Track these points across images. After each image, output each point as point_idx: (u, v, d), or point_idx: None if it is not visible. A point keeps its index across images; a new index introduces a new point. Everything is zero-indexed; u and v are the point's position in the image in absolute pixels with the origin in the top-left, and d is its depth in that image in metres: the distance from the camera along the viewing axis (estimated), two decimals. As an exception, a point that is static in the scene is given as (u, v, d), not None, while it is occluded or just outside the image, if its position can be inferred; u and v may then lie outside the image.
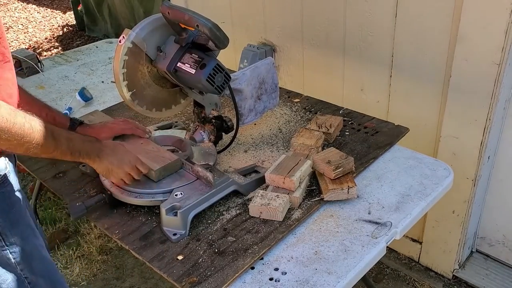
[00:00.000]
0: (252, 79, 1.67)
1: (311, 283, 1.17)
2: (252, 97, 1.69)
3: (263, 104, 1.76)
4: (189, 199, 1.35)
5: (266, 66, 1.73)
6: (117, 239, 1.34)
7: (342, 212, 1.40)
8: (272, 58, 1.81)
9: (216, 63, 1.42)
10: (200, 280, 1.18)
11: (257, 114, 1.75)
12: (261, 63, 1.74)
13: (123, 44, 1.42)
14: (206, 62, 1.42)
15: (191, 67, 1.43)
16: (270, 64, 1.75)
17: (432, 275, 2.32)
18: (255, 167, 1.58)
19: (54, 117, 1.58)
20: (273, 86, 1.77)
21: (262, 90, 1.73)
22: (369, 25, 2.06)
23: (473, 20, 1.71)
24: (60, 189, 1.56)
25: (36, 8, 6.64)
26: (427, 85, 1.97)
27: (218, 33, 1.37)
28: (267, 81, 1.74)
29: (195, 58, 1.43)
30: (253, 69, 1.70)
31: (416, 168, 1.57)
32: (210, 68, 1.41)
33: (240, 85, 1.64)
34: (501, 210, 2.14)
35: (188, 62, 1.44)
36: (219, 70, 1.43)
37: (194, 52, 1.45)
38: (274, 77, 1.77)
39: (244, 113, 1.69)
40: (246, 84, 1.65)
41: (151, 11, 4.52)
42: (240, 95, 1.64)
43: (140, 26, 1.45)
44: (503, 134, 1.97)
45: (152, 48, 1.48)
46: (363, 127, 1.80)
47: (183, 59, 1.45)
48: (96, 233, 2.67)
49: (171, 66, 1.45)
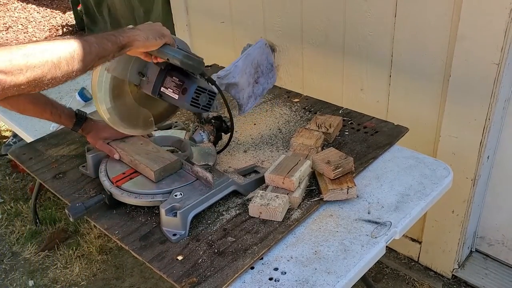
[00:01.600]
0: (246, 68, 1.64)
1: (311, 282, 1.18)
2: (250, 85, 1.67)
3: (261, 86, 1.73)
4: (188, 199, 1.35)
5: (259, 50, 1.69)
6: (117, 240, 1.34)
7: (341, 212, 1.40)
8: (264, 39, 1.75)
9: (197, 86, 1.39)
10: (200, 280, 1.18)
11: (256, 97, 1.72)
12: (252, 48, 1.69)
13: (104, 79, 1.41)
14: (187, 87, 1.39)
15: (174, 92, 1.40)
16: (263, 46, 1.70)
17: (432, 275, 2.32)
18: (255, 167, 1.58)
19: (59, 115, 1.58)
20: (268, 66, 1.73)
21: (258, 73, 1.69)
22: (368, 24, 2.06)
23: (473, 20, 1.71)
24: (60, 189, 1.57)
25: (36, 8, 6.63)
26: (427, 85, 1.97)
27: (190, 62, 1.33)
28: (261, 63, 1.70)
29: (176, 82, 1.40)
30: (246, 57, 1.66)
31: (416, 168, 1.57)
32: (191, 92, 1.38)
33: (234, 79, 1.61)
34: (500, 210, 2.14)
35: (170, 87, 1.41)
36: (201, 91, 1.40)
37: (175, 75, 1.42)
38: (269, 58, 1.72)
39: (244, 103, 1.66)
40: (240, 75, 1.62)
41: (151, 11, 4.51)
42: (236, 88, 1.62)
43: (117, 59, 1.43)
44: (502, 133, 1.97)
45: (134, 74, 1.45)
46: (362, 127, 1.80)
47: (165, 83, 1.42)
48: (96, 233, 2.68)
49: (155, 91, 1.43)
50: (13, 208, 2.92)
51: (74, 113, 1.61)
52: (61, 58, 1.02)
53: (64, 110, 1.60)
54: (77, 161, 1.69)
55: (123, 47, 1.18)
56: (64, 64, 1.02)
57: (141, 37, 1.22)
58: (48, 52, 1.00)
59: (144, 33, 1.23)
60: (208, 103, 1.43)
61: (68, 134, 1.86)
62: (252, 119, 1.91)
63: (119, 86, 1.46)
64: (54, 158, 1.73)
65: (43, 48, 1.00)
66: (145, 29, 1.25)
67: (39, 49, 0.99)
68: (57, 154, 1.75)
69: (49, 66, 0.99)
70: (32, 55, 0.96)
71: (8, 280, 2.45)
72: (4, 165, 3.33)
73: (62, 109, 1.60)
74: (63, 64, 1.02)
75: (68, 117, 1.60)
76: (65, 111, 1.60)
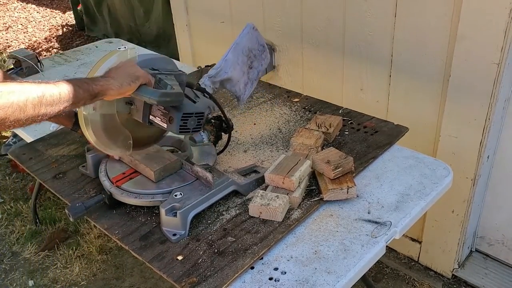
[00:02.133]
0: (237, 59, 1.61)
1: (311, 282, 1.18)
2: (244, 73, 1.64)
3: (256, 70, 1.70)
4: (188, 199, 1.35)
5: (247, 36, 1.65)
6: (117, 240, 1.34)
7: (341, 212, 1.40)
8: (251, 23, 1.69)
9: (182, 113, 1.35)
10: (200, 280, 1.18)
11: (253, 82, 1.69)
12: (240, 37, 1.65)
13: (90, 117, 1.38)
14: (173, 116, 1.35)
15: (162, 121, 1.38)
16: (250, 31, 1.65)
17: (432, 275, 2.32)
18: (255, 167, 1.58)
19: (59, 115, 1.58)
20: (260, 48, 1.69)
21: (251, 59, 1.66)
22: (368, 24, 2.06)
23: (473, 19, 1.71)
24: (60, 189, 1.57)
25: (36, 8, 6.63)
26: (427, 85, 1.97)
27: (168, 99, 1.30)
28: (253, 48, 1.66)
29: (162, 111, 1.38)
30: (235, 48, 1.62)
31: (416, 168, 1.57)
32: (178, 120, 1.35)
33: (226, 74, 1.59)
34: (500, 210, 2.14)
35: (158, 115, 1.39)
36: (188, 116, 1.37)
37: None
38: (259, 39, 1.68)
39: (241, 93, 1.65)
40: (232, 68, 1.60)
41: (151, 11, 4.52)
42: (230, 82, 1.61)
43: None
44: (502, 133, 1.97)
45: (122, 104, 1.42)
46: (362, 126, 1.80)
47: (153, 112, 1.39)
48: (96, 232, 2.68)
49: (145, 119, 1.41)
50: (13, 208, 2.92)
51: (74, 113, 1.61)
52: (27, 101, 1.01)
53: None
54: (77, 161, 1.69)
55: (96, 95, 1.18)
56: (30, 108, 1.02)
57: (115, 86, 1.21)
58: (15, 94, 0.99)
59: (118, 81, 1.22)
60: (197, 124, 1.40)
61: (68, 134, 1.86)
62: (252, 119, 1.91)
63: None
64: (54, 158, 1.73)
65: (11, 89, 0.99)
66: (119, 75, 1.24)
67: (6, 90, 0.98)
68: (57, 154, 1.75)
69: (13, 109, 0.98)
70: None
71: (8, 280, 2.45)
72: (4, 165, 3.33)
73: None
74: (29, 108, 1.01)
75: (67, 117, 1.60)
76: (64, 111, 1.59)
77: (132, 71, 1.25)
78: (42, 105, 1.04)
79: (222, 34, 2.78)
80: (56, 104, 1.07)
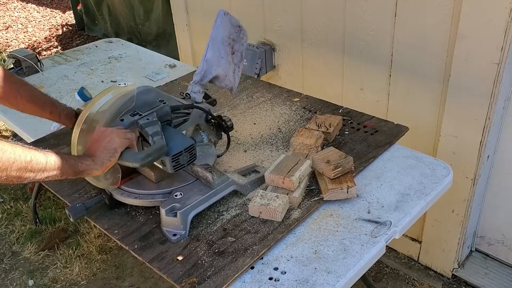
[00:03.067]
0: (219, 53, 1.58)
1: (311, 282, 1.18)
2: (230, 62, 1.61)
3: (239, 52, 1.66)
4: (188, 199, 1.35)
5: (222, 25, 1.61)
6: (117, 240, 1.34)
7: (341, 212, 1.40)
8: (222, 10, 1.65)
9: (171, 156, 1.33)
10: (200, 280, 1.18)
11: (239, 66, 1.66)
12: (215, 30, 1.61)
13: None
14: (164, 159, 1.34)
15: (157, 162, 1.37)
16: (223, 18, 1.61)
17: (432, 274, 2.32)
18: (255, 167, 1.58)
19: (59, 115, 1.58)
20: (237, 29, 1.64)
21: (231, 44, 1.63)
22: (368, 24, 2.06)
23: (473, 19, 1.71)
24: (60, 189, 1.56)
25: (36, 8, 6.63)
26: (427, 84, 1.97)
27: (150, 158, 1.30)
28: (230, 33, 1.62)
29: None
30: (212, 43, 1.59)
31: (416, 167, 1.57)
32: (169, 163, 1.33)
33: (211, 74, 1.57)
34: (500, 209, 2.14)
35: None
36: (177, 156, 1.34)
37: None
38: (233, 22, 1.63)
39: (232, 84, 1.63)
40: (216, 65, 1.57)
41: (151, 10, 4.52)
42: (218, 79, 1.60)
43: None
44: (502, 133, 1.97)
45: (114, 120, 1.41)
46: (362, 126, 1.80)
47: None
48: (96, 232, 2.68)
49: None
50: (13, 207, 2.92)
51: (75, 113, 1.61)
52: (14, 164, 1.05)
53: (64, 109, 1.59)
54: (77, 161, 1.69)
55: (80, 173, 1.24)
56: (14, 170, 1.06)
57: (98, 167, 1.26)
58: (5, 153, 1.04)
59: (99, 161, 1.26)
60: (190, 157, 1.37)
61: (68, 134, 1.84)
62: (252, 119, 1.91)
63: None
64: (54, 158, 1.73)
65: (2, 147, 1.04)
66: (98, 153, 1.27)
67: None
68: (57, 154, 1.75)
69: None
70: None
71: (8, 279, 2.45)
72: (4, 165, 3.33)
73: (62, 108, 1.59)
74: (13, 170, 1.06)
75: (68, 116, 1.60)
76: (65, 111, 1.59)
77: (109, 145, 1.29)
78: (27, 171, 1.10)
79: (222, 33, 2.78)
80: (40, 172, 1.13)
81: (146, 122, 1.36)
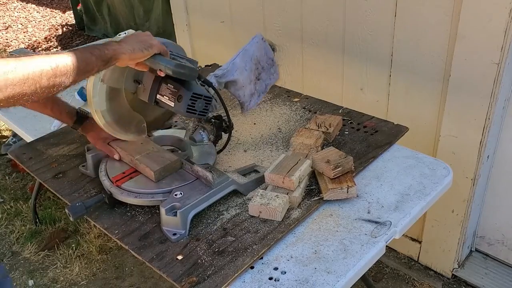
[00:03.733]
0: (245, 64, 1.62)
1: (311, 282, 1.18)
2: (251, 82, 1.64)
3: (264, 82, 1.70)
4: (188, 199, 1.35)
5: (256, 45, 1.65)
6: (117, 239, 1.34)
7: (341, 212, 1.40)
8: (260, 33, 1.70)
9: (192, 93, 1.36)
10: (199, 280, 1.18)
11: (260, 94, 1.69)
12: (249, 44, 1.66)
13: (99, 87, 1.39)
14: (182, 94, 1.36)
15: (169, 100, 1.38)
16: (260, 41, 1.66)
17: (432, 274, 2.32)
18: (255, 167, 1.58)
19: (60, 112, 1.58)
20: (269, 61, 1.69)
21: (259, 69, 1.66)
22: (368, 24, 2.06)
23: (473, 19, 1.71)
24: (60, 189, 1.56)
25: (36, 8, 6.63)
26: (427, 84, 1.97)
27: (182, 71, 1.30)
28: (261, 59, 1.66)
29: (171, 89, 1.38)
30: (243, 53, 1.63)
31: (416, 168, 1.57)
32: (187, 99, 1.35)
33: (233, 76, 1.59)
34: (500, 209, 2.14)
35: (166, 94, 1.39)
36: (197, 97, 1.37)
37: (170, 82, 1.39)
38: (268, 52, 1.69)
39: (245, 100, 1.64)
40: (239, 72, 1.60)
41: (150, 10, 4.52)
42: (235, 85, 1.61)
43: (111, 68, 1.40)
44: (502, 133, 1.97)
45: (130, 82, 1.44)
46: (362, 126, 1.80)
47: (161, 91, 1.40)
48: (96, 232, 2.68)
49: (152, 99, 1.41)
50: (13, 207, 2.92)
51: (76, 112, 1.61)
52: (42, 74, 1.00)
53: (66, 107, 1.60)
54: (77, 160, 1.69)
55: (108, 61, 1.16)
56: (45, 80, 1.01)
57: (127, 50, 1.19)
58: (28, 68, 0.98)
59: (130, 46, 1.20)
60: (204, 108, 1.41)
61: (68, 133, 1.86)
62: (252, 119, 1.91)
63: (114, 91, 1.45)
64: (54, 157, 1.73)
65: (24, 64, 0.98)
66: (132, 41, 1.22)
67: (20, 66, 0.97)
68: (57, 153, 1.75)
69: (29, 83, 0.97)
70: (12, 72, 0.94)
71: (8, 279, 2.45)
72: (4, 165, 3.33)
73: (64, 106, 1.60)
74: (44, 80, 1.00)
75: (69, 115, 1.60)
76: (66, 109, 1.60)
77: (147, 39, 1.25)
78: (57, 76, 1.03)
79: (222, 34, 2.78)
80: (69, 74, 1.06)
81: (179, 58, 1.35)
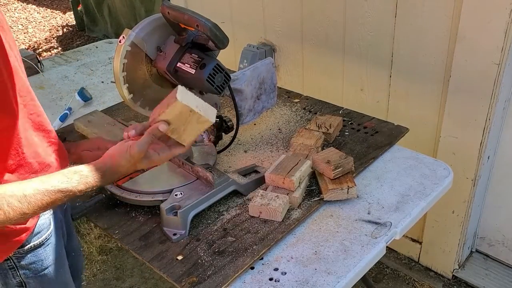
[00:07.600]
0: (252, 79, 1.68)
1: (311, 283, 1.17)
2: (252, 97, 1.70)
3: (262, 104, 1.76)
4: (189, 199, 1.35)
5: (266, 66, 1.74)
6: (117, 239, 1.34)
7: (341, 212, 1.40)
8: (272, 58, 1.81)
9: (216, 63, 1.42)
10: (200, 280, 1.18)
11: (255, 114, 1.75)
12: (261, 63, 1.74)
13: (123, 44, 1.42)
14: (206, 62, 1.42)
15: (191, 67, 1.43)
16: (270, 64, 1.75)
17: (432, 275, 2.32)
18: (255, 167, 1.58)
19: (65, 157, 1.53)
20: (272, 86, 1.78)
21: (261, 90, 1.73)
22: (369, 25, 2.06)
23: (473, 19, 1.71)
24: (60, 189, 1.56)
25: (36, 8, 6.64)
26: (427, 85, 1.98)
27: (218, 33, 1.36)
28: (266, 81, 1.74)
29: (195, 58, 1.43)
30: (253, 69, 1.70)
31: (416, 168, 1.57)
32: (210, 68, 1.41)
33: (241, 85, 1.64)
34: (500, 210, 2.14)
35: (188, 62, 1.44)
36: (219, 70, 1.43)
37: (194, 52, 1.45)
38: (273, 77, 1.77)
39: (244, 113, 1.69)
40: (246, 84, 1.65)
41: (151, 10, 4.52)
42: (240, 95, 1.64)
43: (140, 26, 1.46)
44: (502, 134, 1.97)
45: (152, 48, 1.48)
46: (362, 127, 1.80)
47: (183, 59, 1.45)
48: (96, 233, 2.68)
49: (171, 66, 1.45)
50: (13, 208, 2.92)
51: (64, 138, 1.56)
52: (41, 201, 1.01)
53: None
54: (77, 161, 1.69)
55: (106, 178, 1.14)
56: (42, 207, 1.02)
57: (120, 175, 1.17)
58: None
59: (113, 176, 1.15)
60: (222, 84, 1.45)
61: (68, 133, 1.86)
62: (252, 119, 1.91)
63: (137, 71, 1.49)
64: (54, 158, 1.73)
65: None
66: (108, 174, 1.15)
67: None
68: (57, 154, 1.75)
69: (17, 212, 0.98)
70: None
71: (8, 280, 2.45)
72: (4, 165, 3.33)
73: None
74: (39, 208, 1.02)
75: None
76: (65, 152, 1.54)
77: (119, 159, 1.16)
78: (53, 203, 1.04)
79: (222, 34, 2.78)
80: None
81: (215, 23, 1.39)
